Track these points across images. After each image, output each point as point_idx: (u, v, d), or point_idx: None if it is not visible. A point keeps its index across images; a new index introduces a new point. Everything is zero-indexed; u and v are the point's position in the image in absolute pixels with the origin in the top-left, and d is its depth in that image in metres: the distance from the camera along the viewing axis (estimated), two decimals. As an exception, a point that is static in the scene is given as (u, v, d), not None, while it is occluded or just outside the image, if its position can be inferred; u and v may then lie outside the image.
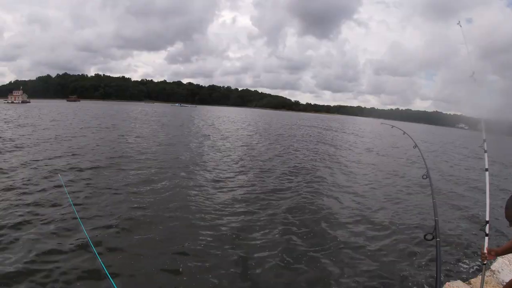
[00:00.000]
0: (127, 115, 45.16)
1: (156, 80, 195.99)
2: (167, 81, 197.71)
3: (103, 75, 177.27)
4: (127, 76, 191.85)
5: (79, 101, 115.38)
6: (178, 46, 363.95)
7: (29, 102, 78.07)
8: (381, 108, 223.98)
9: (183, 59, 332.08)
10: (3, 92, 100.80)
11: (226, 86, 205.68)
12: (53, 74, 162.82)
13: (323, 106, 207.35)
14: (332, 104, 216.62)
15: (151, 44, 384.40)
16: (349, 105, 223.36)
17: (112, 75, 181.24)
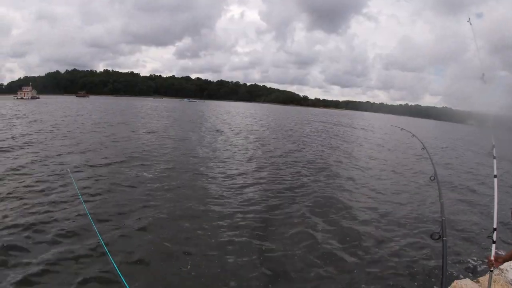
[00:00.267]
0: (137, 111, 45.08)
1: (165, 76, 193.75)
2: (176, 76, 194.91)
3: (112, 71, 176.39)
4: (136, 72, 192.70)
5: (88, 97, 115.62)
6: (187, 41, 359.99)
7: (39, 98, 78.09)
8: (390, 104, 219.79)
9: (192, 54, 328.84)
10: (13, 88, 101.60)
11: (235, 81, 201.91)
12: (62, 70, 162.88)
13: (332, 101, 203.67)
14: (341, 99, 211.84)
15: (160, 39, 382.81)
16: (358, 100, 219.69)
17: (121, 71, 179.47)
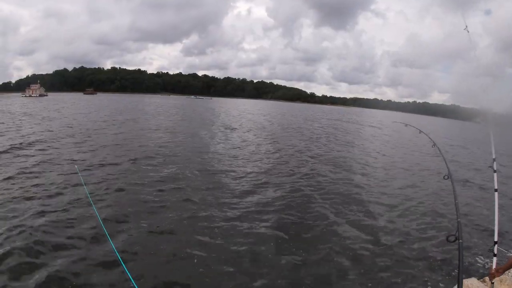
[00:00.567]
0: (145, 108, 44.72)
1: (172, 73, 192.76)
2: (183, 74, 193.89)
3: (119, 68, 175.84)
4: (143, 69, 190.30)
5: (96, 94, 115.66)
6: (193, 38, 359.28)
7: (47, 96, 78.03)
8: (398, 101, 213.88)
9: (198, 51, 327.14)
10: (21, 86, 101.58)
11: (242, 78, 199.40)
12: (70, 68, 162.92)
13: (339, 98, 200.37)
14: (348, 96, 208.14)
15: (166, 37, 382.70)
16: (366, 98, 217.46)
17: (128, 68, 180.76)
